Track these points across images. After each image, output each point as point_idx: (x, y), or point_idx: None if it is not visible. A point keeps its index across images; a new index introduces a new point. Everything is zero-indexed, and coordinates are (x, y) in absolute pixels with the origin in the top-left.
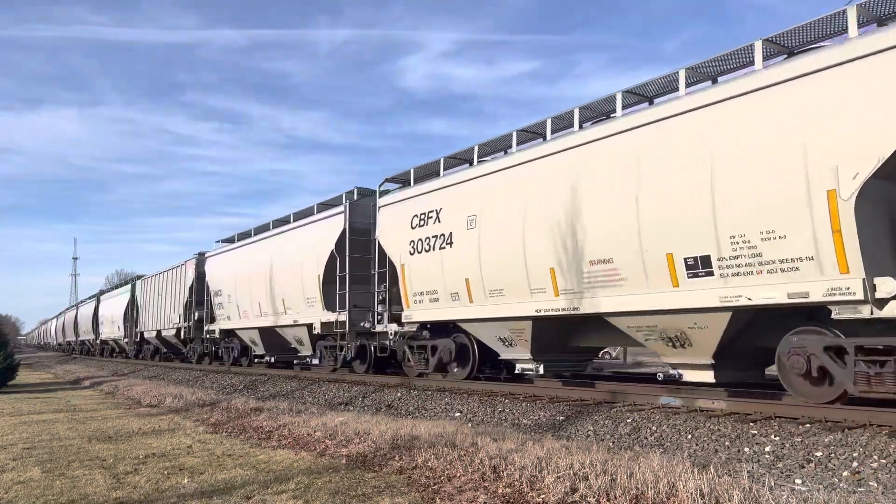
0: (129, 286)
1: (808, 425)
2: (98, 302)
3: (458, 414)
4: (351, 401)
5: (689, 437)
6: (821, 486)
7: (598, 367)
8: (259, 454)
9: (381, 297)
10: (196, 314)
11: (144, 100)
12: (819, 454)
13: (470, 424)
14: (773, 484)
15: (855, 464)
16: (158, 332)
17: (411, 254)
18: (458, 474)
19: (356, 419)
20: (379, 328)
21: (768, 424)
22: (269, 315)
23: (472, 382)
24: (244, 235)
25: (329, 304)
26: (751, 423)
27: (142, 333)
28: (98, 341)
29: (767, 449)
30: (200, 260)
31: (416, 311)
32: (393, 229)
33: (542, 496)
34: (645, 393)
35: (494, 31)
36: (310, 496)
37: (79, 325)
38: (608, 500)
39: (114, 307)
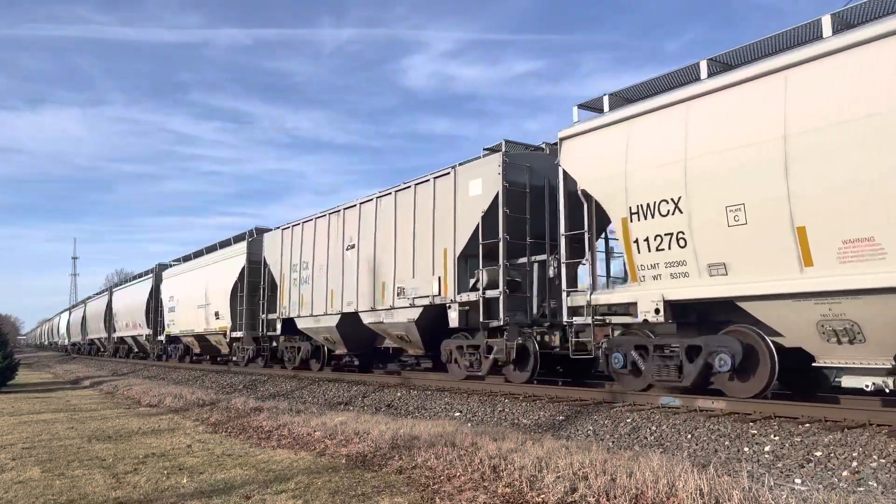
0: (240, 245)
1: (807, 425)
2: (158, 281)
3: (457, 414)
4: (351, 400)
5: (689, 436)
6: (820, 486)
7: None
8: (259, 454)
9: None
10: (500, 275)
11: (147, 99)
12: (819, 454)
13: (470, 424)
14: (772, 483)
15: (854, 463)
16: (348, 316)
17: None
18: (458, 474)
19: (356, 419)
20: None
21: (768, 424)
22: None
23: (473, 382)
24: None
25: None
26: (750, 423)
27: (288, 321)
28: (160, 339)
29: (767, 448)
30: (516, 157)
31: None
32: None
33: (542, 496)
34: (645, 393)
35: (497, 30)
36: (309, 496)
37: (116, 317)
38: (608, 500)
39: (198, 285)
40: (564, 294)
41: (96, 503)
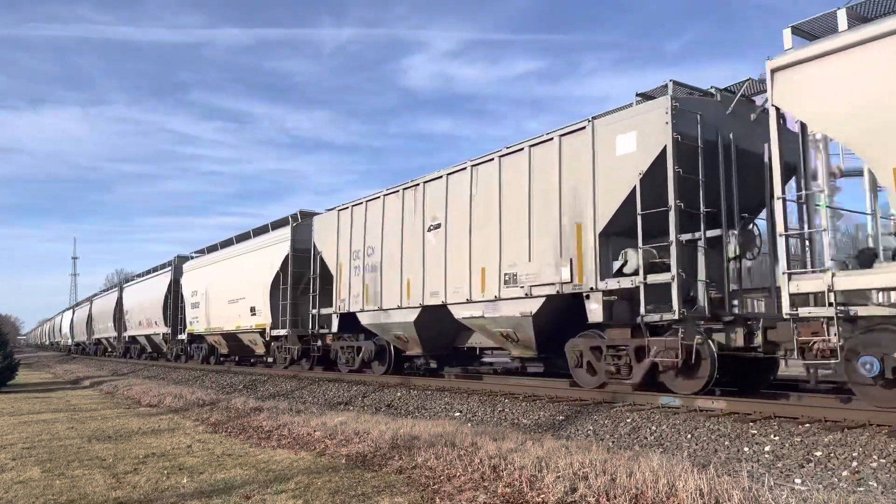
0: (282, 231)
1: (807, 425)
2: (177, 274)
3: (457, 414)
4: (351, 400)
5: (689, 436)
6: (820, 486)
7: None
8: (259, 454)
9: None
10: (673, 254)
11: (148, 99)
12: (819, 454)
13: (470, 424)
14: (772, 483)
15: (854, 463)
16: (430, 310)
17: None
18: (458, 474)
19: (356, 419)
20: None
21: (768, 424)
22: None
23: (473, 382)
24: None
25: None
26: (750, 423)
27: (347, 317)
28: (181, 338)
29: (767, 448)
30: (686, 102)
31: None
32: None
33: (542, 496)
34: (645, 393)
35: (498, 30)
36: (309, 496)
37: (127, 315)
38: (608, 500)
39: (228, 278)
40: (785, 277)
41: (96, 503)
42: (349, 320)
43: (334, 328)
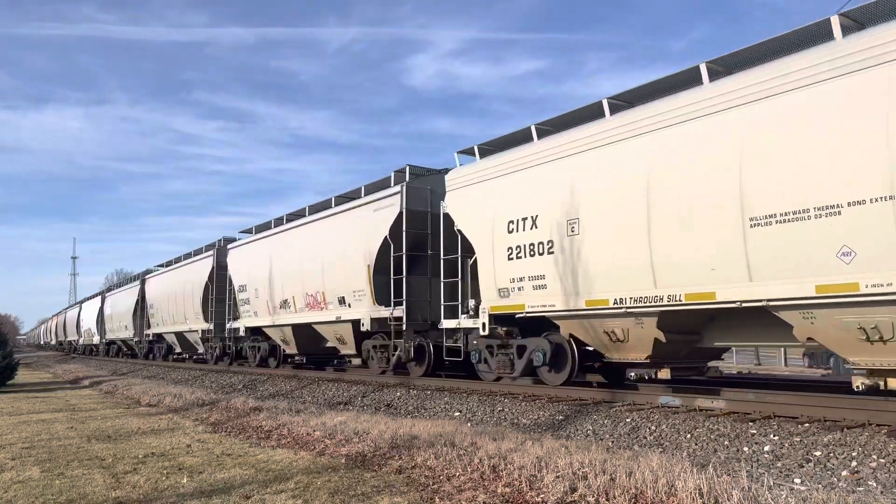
0: None
1: (807, 425)
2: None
3: (457, 413)
4: (350, 400)
5: (688, 436)
6: (820, 486)
7: None
8: (258, 453)
9: None
10: None
11: (151, 98)
12: (818, 453)
13: (469, 424)
14: (772, 483)
15: (854, 463)
16: None
17: None
18: (458, 474)
19: (355, 419)
20: None
21: (767, 424)
22: None
23: (472, 382)
24: None
25: None
26: (750, 423)
27: None
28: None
29: (766, 448)
30: None
31: None
32: None
33: (542, 496)
34: (644, 393)
35: (502, 29)
36: (309, 496)
37: (248, 292)
38: (607, 500)
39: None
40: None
41: (96, 503)
42: None
43: None
